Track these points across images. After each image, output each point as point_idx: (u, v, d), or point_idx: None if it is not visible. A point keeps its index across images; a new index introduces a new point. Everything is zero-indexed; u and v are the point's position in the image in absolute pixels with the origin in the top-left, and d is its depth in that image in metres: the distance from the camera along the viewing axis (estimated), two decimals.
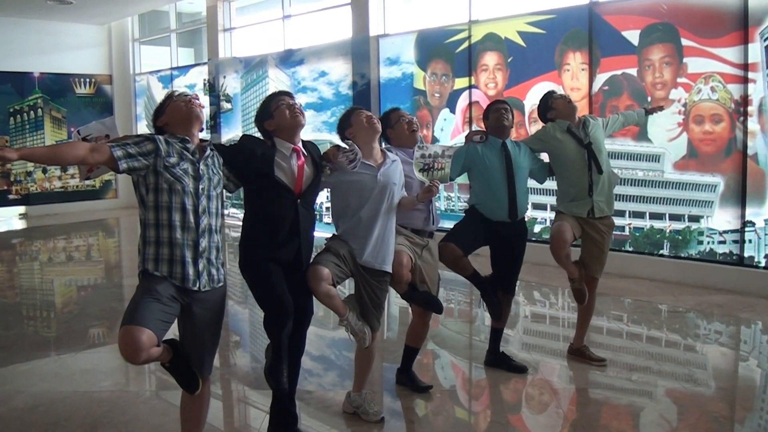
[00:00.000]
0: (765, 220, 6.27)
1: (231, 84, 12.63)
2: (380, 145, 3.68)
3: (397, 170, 3.59)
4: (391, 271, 3.57)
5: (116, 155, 2.70)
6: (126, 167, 2.73)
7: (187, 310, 2.88)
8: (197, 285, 2.85)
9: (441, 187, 3.85)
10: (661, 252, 7.02)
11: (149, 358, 2.70)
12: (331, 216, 3.62)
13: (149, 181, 2.80)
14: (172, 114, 2.94)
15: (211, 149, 3.01)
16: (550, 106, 4.46)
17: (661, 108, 5.01)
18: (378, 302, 3.56)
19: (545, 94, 4.57)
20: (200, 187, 2.87)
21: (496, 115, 4.26)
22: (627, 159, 7.10)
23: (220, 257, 2.99)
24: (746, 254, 6.40)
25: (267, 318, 3.19)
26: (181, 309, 2.87)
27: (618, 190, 4.66)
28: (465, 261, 4.12)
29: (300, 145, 3.30)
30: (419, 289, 3.80)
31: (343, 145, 3.53)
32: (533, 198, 7.68)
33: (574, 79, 7.58)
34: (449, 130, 9.03)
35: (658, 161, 6.93)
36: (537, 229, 7.98)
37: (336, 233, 3.55)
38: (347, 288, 3.92)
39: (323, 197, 8.04)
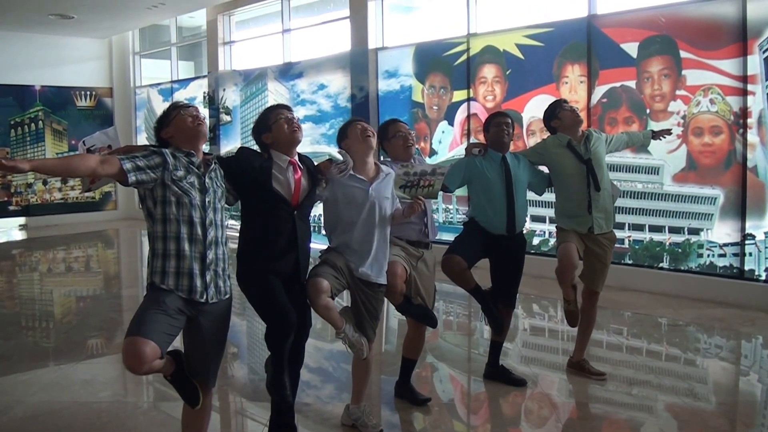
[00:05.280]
0: (765, 233, 6.26)
1: (230, 97, 12.67)
2: (378, 158, 3.69)
3: (390, 184, 3.59)
4: (386, 282, 3.57)
5: (125, 168, 2.70)
6: (135, 180, 2.73)
7: (193, 322, 2.90)
8: (204, 297, 2.87)
9: (440, 199, 3.85)
10: (660, 265, 7.00)
11: (151, 370, 2.72)
12: (324, 229, 3.62)
13: (156, 194, 2.81)
14: (179, 127, 2.93)
15: (215, 162, 3.02)
16: (556, 115, 4.41)
17: (669, 132, 4.86)
18: (374, 313, 3.57)
19: (555, 102, 4.52)
20: (206, 199, 2.89)
21: (497, 130, 4.24)
22: (626, 171, 7.10)
23: (227, 269, 3.00)
24: (746, 267, 6.38)
25: (270, 330, 3.18)
26: (187, 321, 2.87)
27: (617, 202, 4.64)
28: (468, 274, 4.09)
29: (296, 158, 3.31)
30: (413, 302, 3.79)
31: (336, 156, 3.55)
32: (531, 210, 7.69)
33: (572, 92, 7.59)
34: (447, 143, 9.04)
35: (658, 173, 6.94)
36: (536, 241, 7.97)
37: (330, 246, 3.56)
38: (344, 300, 3.94)
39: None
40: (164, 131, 2.97)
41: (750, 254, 6.36)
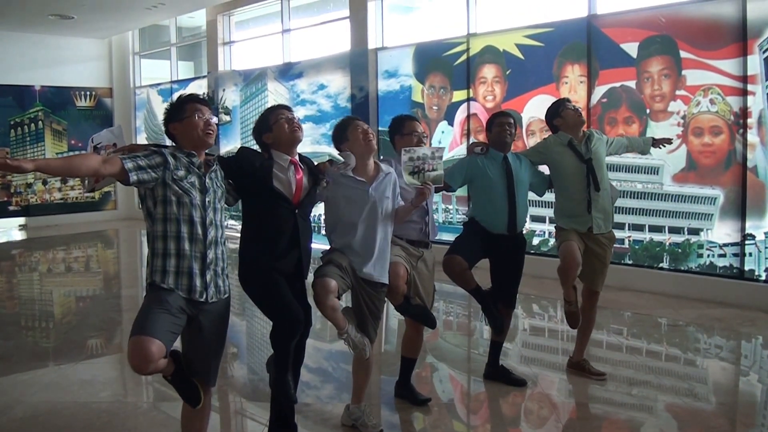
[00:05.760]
0: (765, 233, 6.26)
1: (230, 97, 12.68)
2: (378, 157, 3.68)
3: (390, 183, 3.58)
4: (388, 282, 3.57)
5: (127, 167, 2.70)
6: (136, 179, 2.73)
7: (194, 322, 2.90)
8: (204, 296, 2.88)
9: (439, 199, 3.83)
10: (660, 265, 7.00)
11: (156, 370, 2.72)
12: (324, 229, 3.62)
13: (157, 193, 2.81)
14: (188, 131, 2.91)
15: (216, 163, 3.02)
16: (559, 113, 4.40)
17: (669, 141, 4.88)
18: (376, 313, 3.58)
19: (558, 100, 4.52)
20: (207, 199, 2.89)
21: (499, 130, 4.23)
22: (626, 171, 7.10)
23: (226, 268, 3.01)
24: (746, 267, 6.38)
25: (277, 328, 3.18)
26: (187, 320, 2.88)
27: (617, 202, 4.64)
28: (469, 274, 4.09)
29: (297, 158, 3.31)
30: (412, 303, 3.79)
31: (338, 157, 3.55)
32: (531, 210, 7.70)
33: (572, 92, 7.58)
34: (447, 143, 9.03)
35: (657, 173, 6.94)
36: (536, 241, 7.97)
37: (333, 246, 3.55)
38: (343, 301, 3.94)
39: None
40: (173, 126, 2.95)
41: (750, 254, 6.36)
